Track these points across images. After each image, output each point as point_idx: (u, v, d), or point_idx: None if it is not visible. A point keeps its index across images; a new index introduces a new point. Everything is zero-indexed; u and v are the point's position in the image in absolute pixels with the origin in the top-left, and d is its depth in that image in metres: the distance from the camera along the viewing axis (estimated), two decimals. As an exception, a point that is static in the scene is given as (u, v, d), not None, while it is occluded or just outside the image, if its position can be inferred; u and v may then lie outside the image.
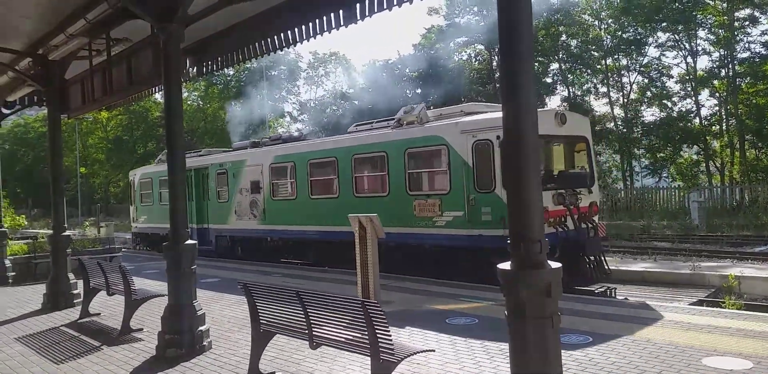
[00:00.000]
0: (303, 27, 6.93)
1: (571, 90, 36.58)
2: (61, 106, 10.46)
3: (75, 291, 9.86)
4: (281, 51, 8.08)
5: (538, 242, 3.27)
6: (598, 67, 35.47)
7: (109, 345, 7.05)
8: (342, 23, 6.45)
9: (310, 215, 13.93)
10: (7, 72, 10.59)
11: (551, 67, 36.96)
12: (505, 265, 3.36)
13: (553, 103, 37.24)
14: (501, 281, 3.36)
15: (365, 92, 42.19)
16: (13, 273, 12.73)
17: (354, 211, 11.57)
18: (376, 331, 4.15)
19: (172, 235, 6.64)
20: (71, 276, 10.01)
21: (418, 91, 39.11)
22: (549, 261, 3.32)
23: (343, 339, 4.57)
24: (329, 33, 6.73)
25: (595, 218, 11.09)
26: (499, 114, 9.47)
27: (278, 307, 5.23)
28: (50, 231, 10.65)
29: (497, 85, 38.18)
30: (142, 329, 7.73)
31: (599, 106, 37.63)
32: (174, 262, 6.57)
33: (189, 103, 50.44)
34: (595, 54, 35.16)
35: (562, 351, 3.61)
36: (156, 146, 48.65)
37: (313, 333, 4.85)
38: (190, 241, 6.66)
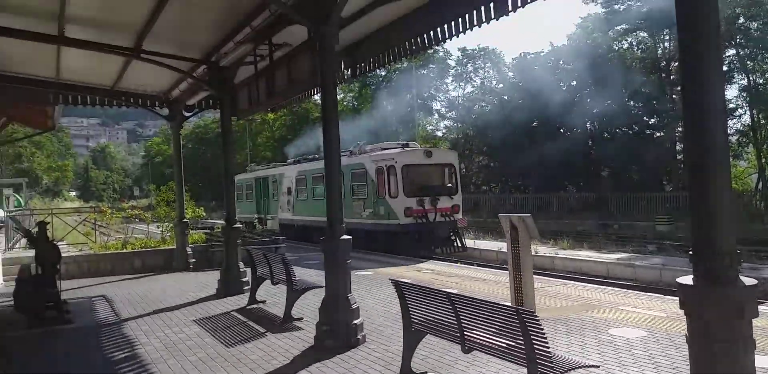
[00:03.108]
0: (452, 23, 6.78)
1: (751, 78, 32.42)
2: (231, 109, 11.39)
3: (244, 279, 10.66)
4: (431, 49, 8.08)
5: (727, 255, 2.81)
6: (785, 51, 31.02)
7: (272, 332, 7.51)
8: (493, 16, 6.20)
9: (310, 210, 21.17)
10: (186, 79, 11.77)
11: (728, 54, 33.04)
12: (687, 280, 2.93)
13: (730, 93, 33.39)
14: (681, 297, 2.94)
15: (515, 87, 40.86)
16: (194, 260, 14.13)
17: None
18: (533, 342, 3.91)
19: (329, 229, 6.82)
20: (241, 265, 10.87)
21: (573, 83, 37.07)
22: (742, 278, 2.85)
23: (496, 346, 4.39)
24: (479, 27, 6.50)
25: (457, 215, 17.21)
26: (394, 150, 18.56)
27: (429, 308, 5.16)
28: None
29: (662, 75, 34.90)
30: (302, 318, 8.13)
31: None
32: (331, 255, 6.78)
33: (345, 103, 52.55)
34: (781, 37, 30.75)
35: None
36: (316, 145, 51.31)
37: (465, 336, 4.72)
38: (345, 236, 6.83)
